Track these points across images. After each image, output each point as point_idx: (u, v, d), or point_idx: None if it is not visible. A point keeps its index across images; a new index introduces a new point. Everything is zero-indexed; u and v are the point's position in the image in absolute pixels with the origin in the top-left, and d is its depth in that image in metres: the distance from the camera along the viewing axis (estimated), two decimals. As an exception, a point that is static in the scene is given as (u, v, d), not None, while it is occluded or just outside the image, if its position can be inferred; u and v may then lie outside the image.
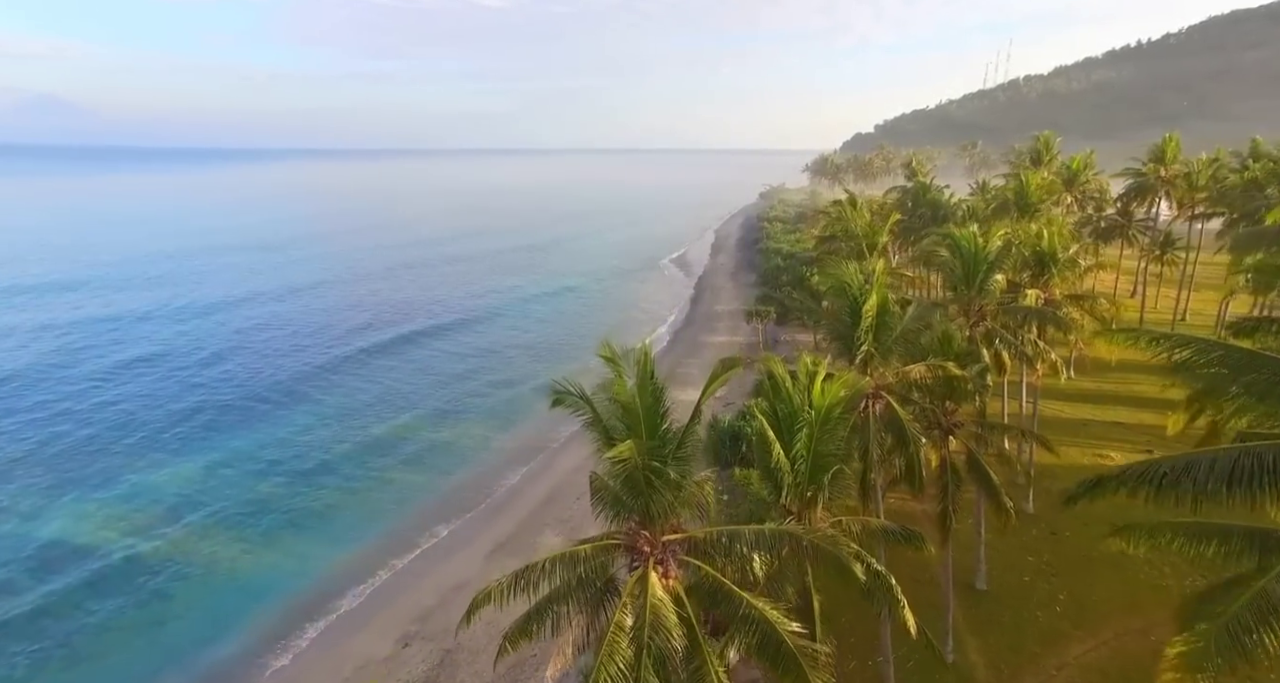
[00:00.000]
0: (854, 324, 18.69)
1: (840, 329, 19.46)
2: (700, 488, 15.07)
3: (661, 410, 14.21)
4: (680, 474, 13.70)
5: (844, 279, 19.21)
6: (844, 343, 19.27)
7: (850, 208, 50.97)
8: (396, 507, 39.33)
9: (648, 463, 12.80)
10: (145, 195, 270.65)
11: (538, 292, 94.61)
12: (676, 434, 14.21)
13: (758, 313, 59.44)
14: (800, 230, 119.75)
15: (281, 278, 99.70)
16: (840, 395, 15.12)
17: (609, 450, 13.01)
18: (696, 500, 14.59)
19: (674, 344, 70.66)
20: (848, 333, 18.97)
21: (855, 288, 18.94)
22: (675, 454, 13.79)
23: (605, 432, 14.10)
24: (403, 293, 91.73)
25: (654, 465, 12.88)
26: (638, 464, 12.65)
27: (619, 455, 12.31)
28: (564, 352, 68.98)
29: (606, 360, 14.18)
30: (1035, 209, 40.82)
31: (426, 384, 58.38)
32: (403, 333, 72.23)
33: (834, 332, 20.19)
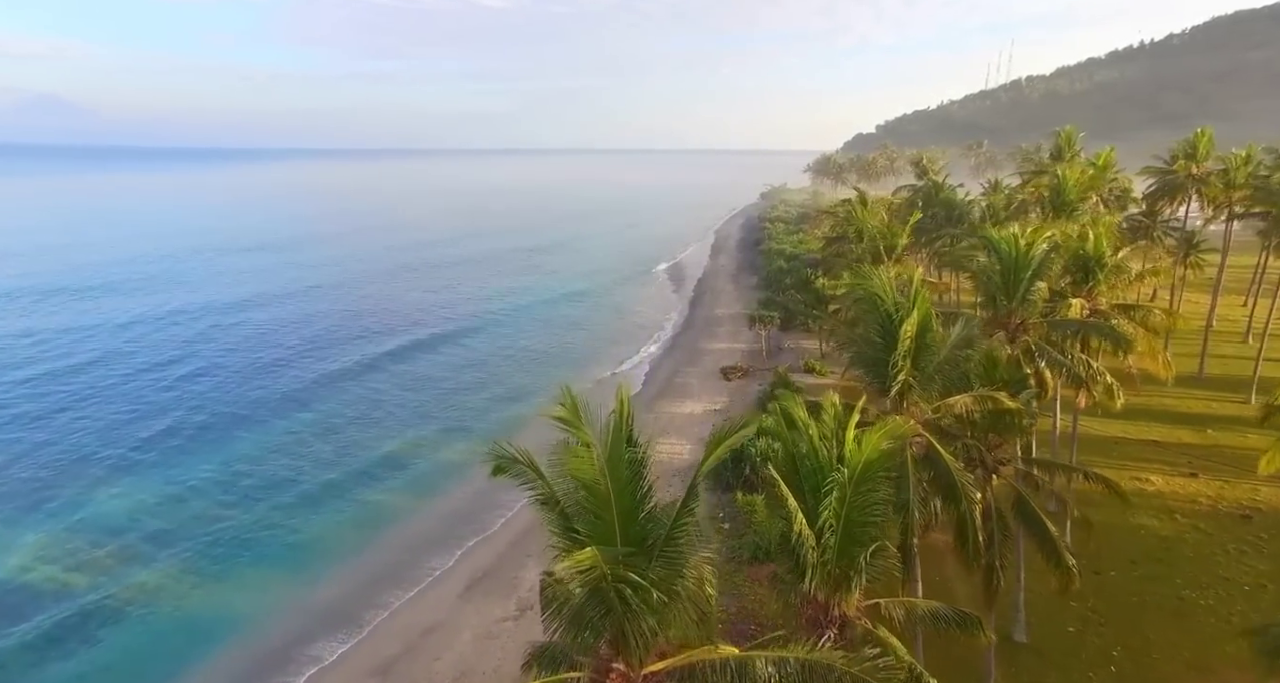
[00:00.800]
0: (887, 346, 15.13)
1: (868, 352, 15.88)
2: (699, 588, 11.15)
3: (641, 492, 10.22)
4: (668, 584, 9.75)
5: (873, 290, 15.57)
6: (873, 369, 15.71)
7: (861, 207, 47.49)
8: (371, 536, 35.76)
9: (620, 573, 9.06)
10: (142, 195, 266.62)
11: (533, 299, 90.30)
12: (662, 522, 10.20)
13: (761, 319, 55.95)
14: (803, 231, 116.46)
15: (274, 282, 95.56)
16: (881, 448, 11.50)
17: (565, 555, 9.23)
18: (696, 605, 10.61)
19: (672, 350, 67.14)
20: (878, 357, 15.42)
21: (889, 302, 15.34)
22: (663, 552, 9.91)
23: (564, 519, 10.27)
24: (396, 299, 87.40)
25: (629, 578, 9.09)
26: (605, 576, 8.97)
27: (578, 565, 8.68)
28: (561, 361, 65.49)
29: (562, 422, 10.42)
30: (1074, 208, 37.21)
31: (413, 400, 54.47)
32: (392, 346, 67.28)
33: (860, 356, 16.52)
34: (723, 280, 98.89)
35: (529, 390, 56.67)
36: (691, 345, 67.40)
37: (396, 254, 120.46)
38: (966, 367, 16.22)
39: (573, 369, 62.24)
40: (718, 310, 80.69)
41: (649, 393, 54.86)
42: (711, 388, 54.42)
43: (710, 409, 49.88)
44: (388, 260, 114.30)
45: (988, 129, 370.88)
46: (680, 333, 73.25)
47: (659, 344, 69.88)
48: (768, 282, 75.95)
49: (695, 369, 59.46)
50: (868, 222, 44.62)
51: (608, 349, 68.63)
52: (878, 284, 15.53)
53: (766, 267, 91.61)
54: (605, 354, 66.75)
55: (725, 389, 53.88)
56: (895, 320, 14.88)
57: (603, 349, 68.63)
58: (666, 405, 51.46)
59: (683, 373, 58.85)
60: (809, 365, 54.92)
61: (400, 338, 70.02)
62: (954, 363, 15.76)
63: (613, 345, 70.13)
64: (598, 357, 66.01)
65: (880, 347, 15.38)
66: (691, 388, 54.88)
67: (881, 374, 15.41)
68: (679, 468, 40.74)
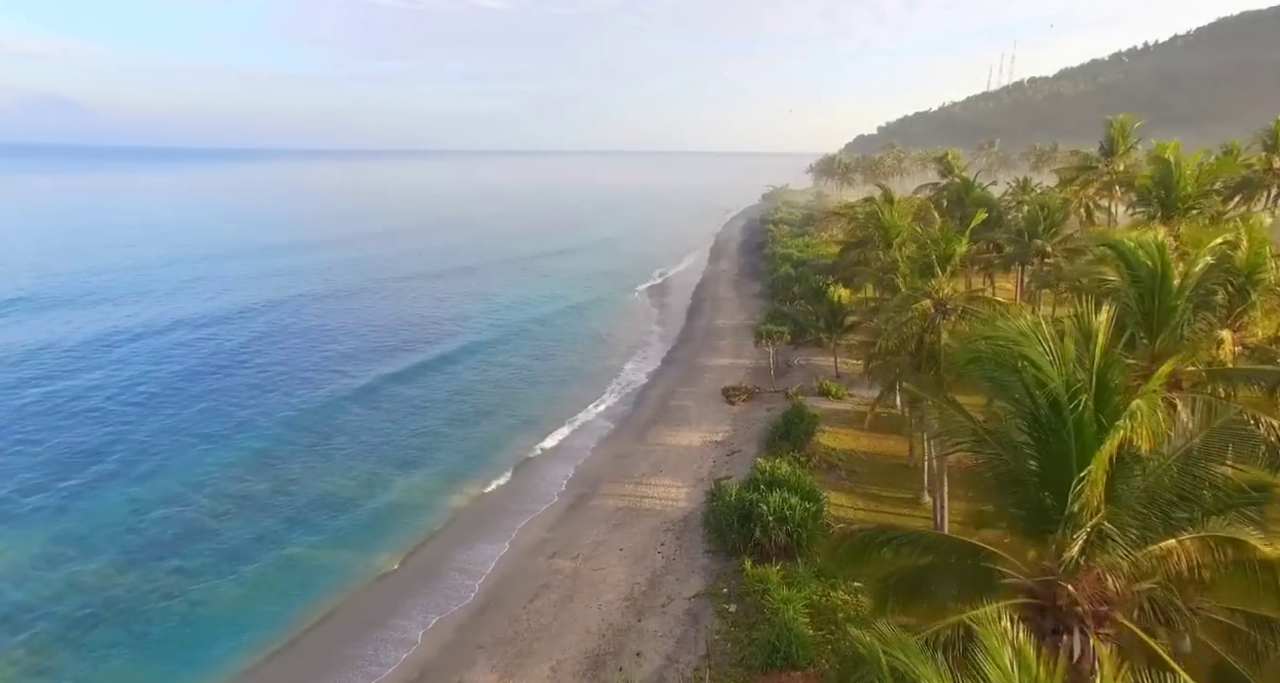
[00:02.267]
0: (1050, 457, 8.18)
1: (1006, 464, 8.89)
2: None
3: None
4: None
5: (1020, 350, 8.40)
6: (1014, 493, 8.76)
7: (887, 207, 40.75)
8: (297, 611, 28.83)
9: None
10: (133, 196, 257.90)
11: (530, 314, 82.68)
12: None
13: (768, 334, 49.14)
14: (808, 234, 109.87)
15: (251, 293, 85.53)
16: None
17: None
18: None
19: (668, 366, 60.29)
20: (1024, 473, 8.50)
21: (1061, 379, 8.38)
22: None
23: None
24: (383, 315, 78.12)
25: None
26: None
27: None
28: (543, 383, 58.60)
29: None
30: (1191, 207, 30.26)
31: (373, 431, 46.50)
32: (368, 368, 58.44)
33: (998, 475, 9.30)
34: (723, 287, 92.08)
35: (508, 414, 49.92)
36: (689, 361, 60.54)
37: (388, 264, 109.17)
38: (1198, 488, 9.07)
39: (559, 389, 55.55)
40: (718, 320, 73.89)
41: (641, 419, 48.00)
42: (712, 414, 47.58)
43: (710, 441, 43.06)
44: (377, 271, 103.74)
45: (991, 130, 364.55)
46: (676, 346, 66.36)
47: (653, 358, 63.04)
48: (773, 289, 69.29)
49: (693, 390, 52.61)
50: (896, 223, 37.84)
51: (596, 365, 61.85)
52: (1022, 335, 8.43)
53: (771, 272, 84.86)
54: (592, 373, 59.91)
55: (727, 415, 47.04)
56: (1075, 411, 7.96)
57: (591, 367, 61.83)
58: (661, 435, 44.61)
59: (679, 395, 51.99)
60: (823, 388, 48.11)
61: (380, 361, 61.00)
62: (1188, 483, 8.69)
63: (603, 360, 63.35)
64: (584, 377, 59.19)
65: (1035, 455, 8.53)
66: (689, 414, 48.03)
67: (1030, 505, 8.53)
68: (672, 519, 33.94)
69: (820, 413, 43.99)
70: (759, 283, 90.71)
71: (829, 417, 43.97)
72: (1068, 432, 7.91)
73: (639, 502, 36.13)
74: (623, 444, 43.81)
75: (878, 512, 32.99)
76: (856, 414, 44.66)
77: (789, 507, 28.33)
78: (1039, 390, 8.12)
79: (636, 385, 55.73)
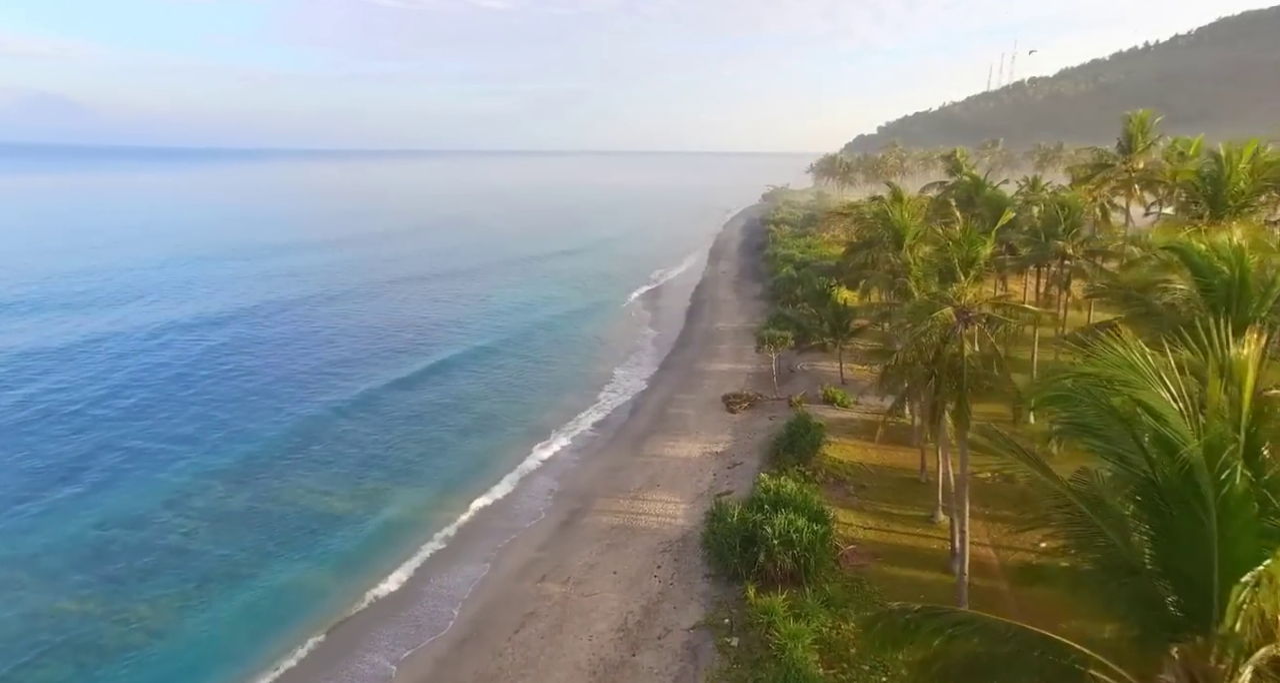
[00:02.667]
0: (1169, 546, 5.75)
1: (1110, 548, 6.44)
2: None
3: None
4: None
5: (1143, 401, 5.62)
6: (1122, 586, 6.33)
7: (896, 205, 38.64)
8: (266, 647, 26.72)
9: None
10: (132, 195, 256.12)
11: (525, 319, 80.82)
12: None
13: (771, 340, 46.98)
14: (810, 234, 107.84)
15: (244, 295, 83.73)
16: None
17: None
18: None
19: (666, 372, 58.19)
20: (1133, 565, 6.09)
21: (1197, 439, 5.72)
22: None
23: None
24: (375, 320, 75.13)
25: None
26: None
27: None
28: (543, 389, 56.65)
29: None
30: (1244, 205, 28.02)
31: (357, 442, 44.57)
32: (353, 377, 55.66)
33: (1097, 554, 6.88)
34: (723, 288, 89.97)
35: (496, 424, 47.83)
36: (688, 366, 58.41)
37: (383, 266, 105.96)
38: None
39: (552, 396, 53.46)
40: (718, 323, 71.78)
41: (637, 428, 45.87)
42: (712, 422, 45.44)
43: (710, 452, 40.94)
44: (372, 272, 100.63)
45: (992, 130, 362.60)
46: (674, 351, 64.23)
47: (650, 363, 60.94)
48: (774, 291, 67.19)
49: (692, 397, 50.48)
50: (907, 223, 35.73)
51: (591, 371, 59.75)
52: (1134, 371, 5.75)
53: (772, 274, 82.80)
54: (587, 379, 57.80)
55: (728, 424, 44.90)
56: (1221, 482, 5.44)
57: (587, 372, 59.75)
58: (658, 446, 42.47)
59: (677, 402, 49.87)
60: (828, 395, 45.98)
61: (367, 369, 58.11)
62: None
63: (599, 365, 61.24)
64: (579, 383, 57.07)
65: (1152, 538, 6.06)
66: (688, 422, 45.90)
67: (1143, 601, 6.05)
68: (670, 539, 31.81)
69: (826, 423, 41.90)
70: (760, 284, 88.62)
71: (835, 426, 41.88)
72: (1207, 510, 5.78)
73: (634, 519, 34.01)
74: (618, 456, 41.69)
75: (889, 532, 30.89)
76: (864, 424, 42.59)
77: (795, 529, 26.21)
78: (1161, 450, 5.94)
79: (633, 392, 53.62)
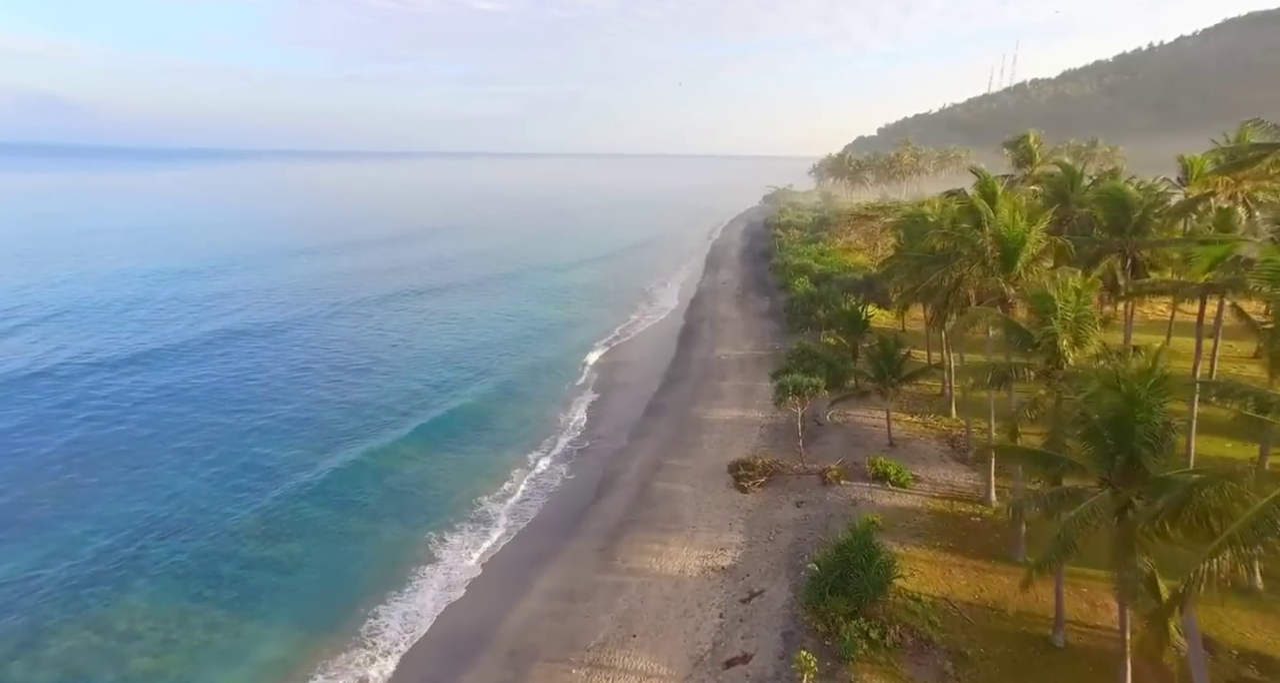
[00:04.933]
0: None
1: None
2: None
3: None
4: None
5: None
6: None
7: (988, 204, 25.55)
8: None
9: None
10: (126, 195, 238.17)
11: (488, 338, 68.04)
12: None
13: (796, 389, 33.66)
14: (822, 239, 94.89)
15: (186, 325, 66.92)
16: None
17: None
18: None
19: (652, 419, 44.87)
20: None
21: None
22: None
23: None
24: (340, 350, 60.43)
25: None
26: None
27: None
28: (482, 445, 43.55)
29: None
30: None
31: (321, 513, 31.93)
32: (290, 431, 42.60)
33: None
34: (724, 303, 76.68)
35: (398, 507, 34.59)
36: (681, 412, 45.04)
37: (361, 283, 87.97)
38: None
39: (492, 453, 40.18)
40: (720, 350, 58.50)
41: (608, 518, 32.48)
42: (715, 509, 32.14)
43: (714, 566, 27.63)
44: (335, 294, 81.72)
45: (995, 132, 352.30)
46: (664, 388, 50.73)
47: (630, 408, 47.66)
48: (790, 312, 54.10)
49: (687, 464, 37.14)
50: (1025, 232, 22.57)
51: (545, 414, 46.55)
52: None
53: (782, 286, 69.69)
54: (533, 429, 44.70)
55: (738, 513, 31.59)
56: None
57: (535, 415, 46.57)
58: (637, 551, 29.13)
59: (665, 472, 36.48)
60: (877, 468, 32.79)
61: (315, 433, 43.61)
62: None
63: (552, 408, 48.07)
64: (525, 434, 43.96)
65: None
66: (680, 508, 32.58)
67: None
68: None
69: (881, 515, 28.84)
70: (767, 299, 75.49)
71: (894, 520, 28.84)
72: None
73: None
74: (575, 570, 28.36)
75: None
76: (936, 517, 29.54)
77: None
78: None
79: (606, 452, 40.37)
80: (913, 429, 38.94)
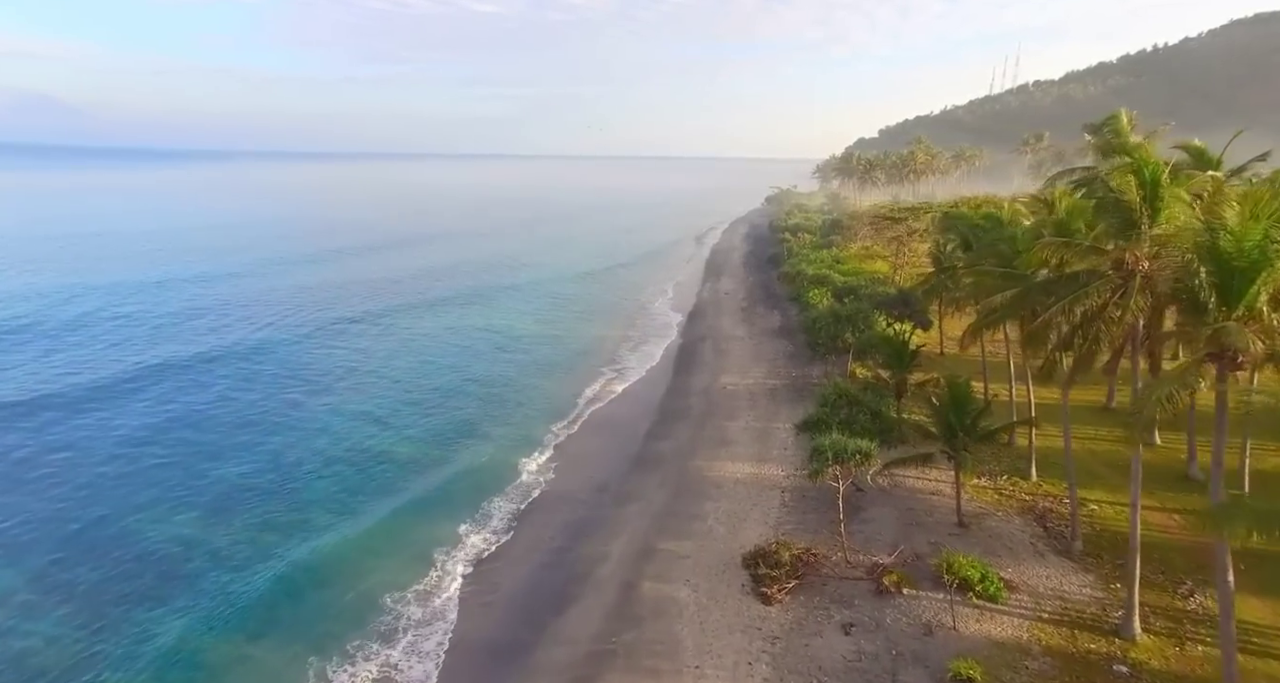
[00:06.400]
0: None
1: None
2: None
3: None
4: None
5: None
6: None
7: (1161, 202, 16.32)
8: None
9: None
10: (120, 196, 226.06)
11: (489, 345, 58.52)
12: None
13: (839, 455, 24.20)
14: (835, 244, 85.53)
15: (116, 356, 56.16)
16: None
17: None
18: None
19: (639, 475, 35.36)
20: None
21: None
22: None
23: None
24: (313, 377, 50.68)
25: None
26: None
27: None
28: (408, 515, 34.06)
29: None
30: None
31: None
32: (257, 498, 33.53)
33: None
34: (728, 318, 67.18)
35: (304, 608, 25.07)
36: (678, 467, 35.44)
37: (331, 299, 76.38)
38: None
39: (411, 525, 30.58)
40: (725, 377, 48.99)
41: (575, 642, 22.96)
42: (725, 635, 22.58)
43: None
44: (316, 309, 70.67)
45: (999, 134, 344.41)
46: (655, 428, 41.04)
47: (609, 460, 38.11)
48: (811, 334, 44.49)
49: (686, 549, 27.53)
50: (1250, 245, 13.16)
51: (501, 462, 37.00)
52: None
53: (794, 298, 60.18)
54: (472, 495, 35.23)
55: (760, 642, 22.04)
56: None
57: (489, 469, 37.01)
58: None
59: (658, 562, 26.86)
60: (952, 569, 23.26)
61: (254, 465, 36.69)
62: None
63: (511, 455, 38.54)
64: (466, 494, 34.45)
65: None
66: (676, 627, 23.03)
67: None
68: None
69: (973, 652, 19.52)
70: (777, 312, 66.14)
71: (995, 667, 19.45)
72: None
73: None
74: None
75: None
76: (1056, 659, 20.18)
77: None
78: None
79: (574, 526, 30.81)
80: (983, 498, 29.57)
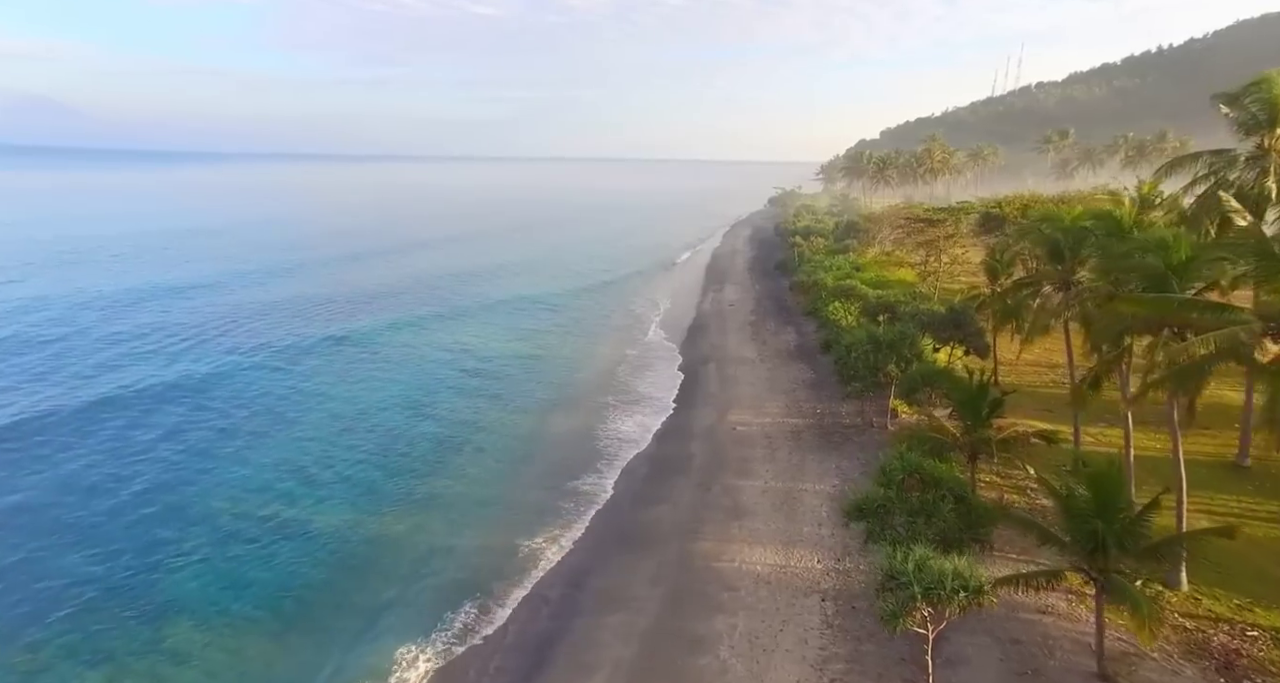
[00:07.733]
0: None
1: None
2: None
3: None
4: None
5: None
6: None
7: None
8: None
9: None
10: (113, 196, 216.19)
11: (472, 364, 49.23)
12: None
13: (927, 592, 15.25)
14: (850, 248, 76.68)
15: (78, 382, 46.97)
16: None
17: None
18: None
19: (630, 558, 26.28)
20: None
21: None
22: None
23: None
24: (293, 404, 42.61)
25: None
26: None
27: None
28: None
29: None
30: None
31: None
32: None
33: None
34: (735, 335, 57.90)
35: None
36: (677, 552, 26.26)
37: (313, 318, 64.08)
38: None
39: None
40: (734, 414, 39.78)
41: None
42: None
43: None
44: (296, 329, 59.59)
45: (1002, 135, 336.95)
46: (647, 490, 31.86)
47: (574, 530, 29.02)
48: (844, 367, 35.16)
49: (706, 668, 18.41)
50: None
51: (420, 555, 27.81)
52: None
53: (812, 313, 51.10)
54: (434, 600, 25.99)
55: None
56: None
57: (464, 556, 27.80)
58: None
59: None
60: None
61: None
62: None
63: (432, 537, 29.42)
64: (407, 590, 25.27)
65: None
66: None
67: None
68: None
69: None
70: (791, 328, 57.21)
71: None
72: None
73: None
74: None
75: None
76: None
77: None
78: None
79: (526, 640, 21.66)
80: (1117, 621, 20.46)
